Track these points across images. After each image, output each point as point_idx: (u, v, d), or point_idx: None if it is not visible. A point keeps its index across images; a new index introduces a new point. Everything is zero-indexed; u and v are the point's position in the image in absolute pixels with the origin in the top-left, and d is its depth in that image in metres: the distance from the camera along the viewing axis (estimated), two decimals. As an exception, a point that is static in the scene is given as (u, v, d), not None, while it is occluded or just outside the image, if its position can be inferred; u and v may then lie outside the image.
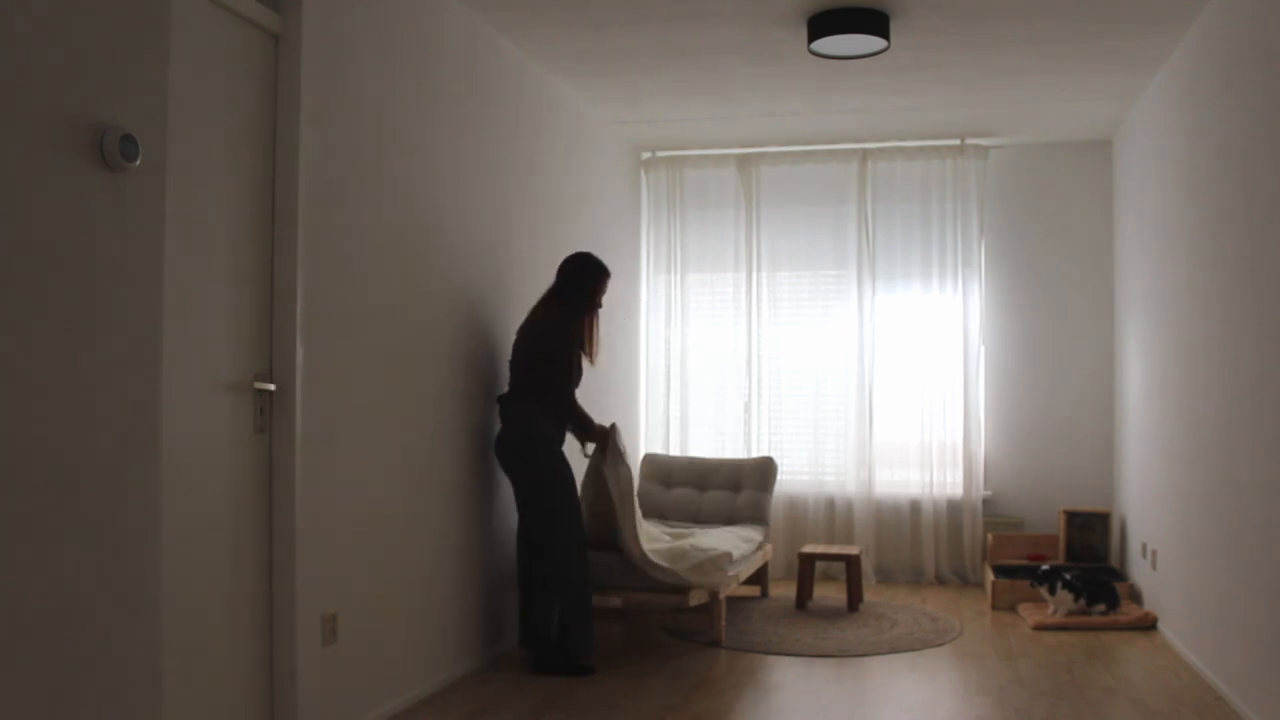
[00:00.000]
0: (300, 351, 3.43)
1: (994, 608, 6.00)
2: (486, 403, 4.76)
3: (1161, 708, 4.11)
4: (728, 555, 5.08)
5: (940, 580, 6.83)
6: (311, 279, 3.49)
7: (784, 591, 6.45)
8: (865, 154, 6.98)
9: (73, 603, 2.17)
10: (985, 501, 6.88)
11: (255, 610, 3.32)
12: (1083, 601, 5.59)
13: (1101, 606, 5.59)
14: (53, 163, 2.14)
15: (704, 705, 4.16)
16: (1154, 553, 5.54)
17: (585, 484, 4.95)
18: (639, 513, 4.88)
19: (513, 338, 4.97)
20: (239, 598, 3.24)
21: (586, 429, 4.78)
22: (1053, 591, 5.65)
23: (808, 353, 7.10)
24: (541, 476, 4.56)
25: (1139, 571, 5.94)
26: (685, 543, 5.08)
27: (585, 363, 4.77)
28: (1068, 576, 5.67)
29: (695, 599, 4.90)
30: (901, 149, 6.94)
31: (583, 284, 4.77)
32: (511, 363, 4.69)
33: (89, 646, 2.21)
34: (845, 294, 7.03)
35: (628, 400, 6.97)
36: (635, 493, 4.89)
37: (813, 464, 7.05)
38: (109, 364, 2.27)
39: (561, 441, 4.68)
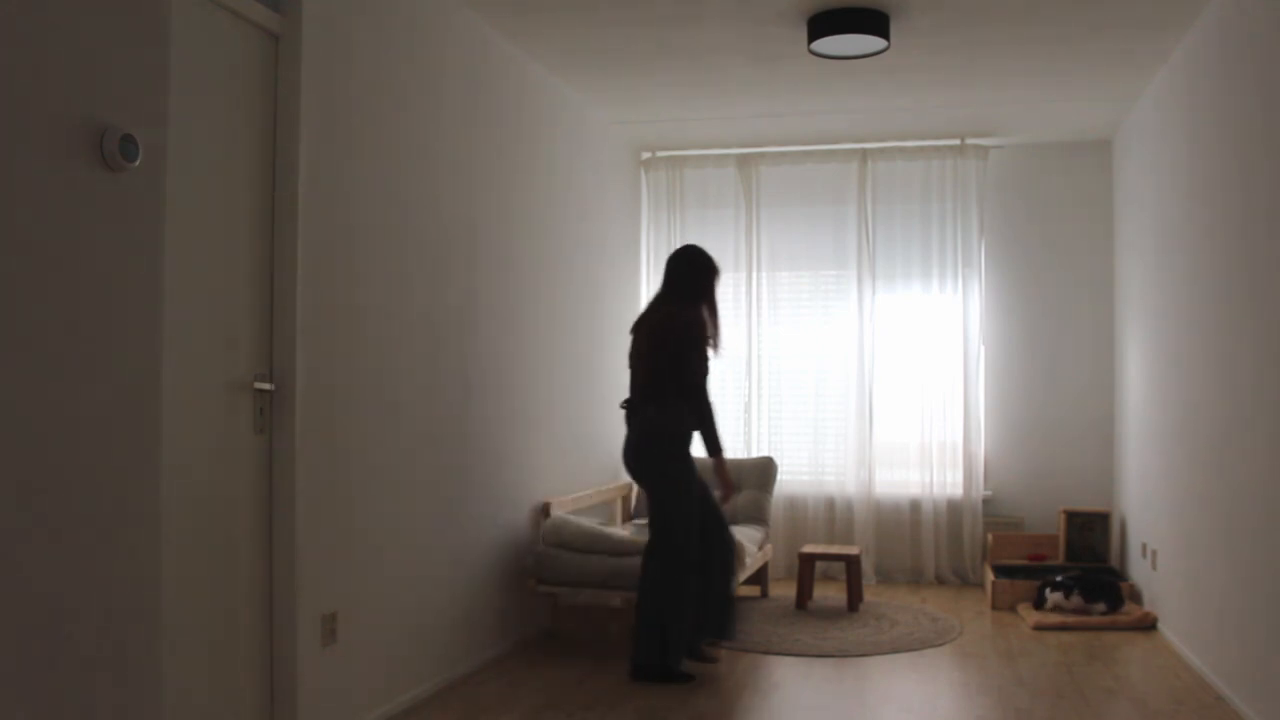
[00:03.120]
0: (300, 351, 3.43)
1: (994, 608, 6.00)
2: (486, 401, 4.76)
3: (1161, 708, 4.11)
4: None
5: (940, 580, 6.83)
6: (311, 279, 3.49)
7: (784, 591, 6.45)
8: (865, 154, 6.98)
9: (73, 603, 2.17)
10: (985, 501, 6.88)
11: (255, 610, 3.32)
12: (1077, 598, 5.59)
13: (1102, 606, 5.59)
14: (53, 163, 2.14)
15: (704, 705, 4.16)
16: (1154, 553, 5.54)
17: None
18: None
19: (512, 337, 4.98)
20: (239, 598, 3.24)
21: (717, 452, 4.61)
22: (1040, 601, 5.70)
23: (808, 353, 7.09)
24: (678, 478, 4.46)
25: (1139, 571, 5.94)
26: None
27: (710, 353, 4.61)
28: (1058, 579, 5.69)
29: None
30: (901, 149, 6.94)
31: (703, 275, 4.64)
32: (640, 363, 4.56)
33: (89, 646, 2.21)
34: (845, 294, 7.03)
35: (628, 400, 6.97)
36: None
37: (813, 464, 7.05)
38: (109, 364, 2.27)
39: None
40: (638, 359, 4.60)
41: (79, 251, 2.20)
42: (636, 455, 4.53)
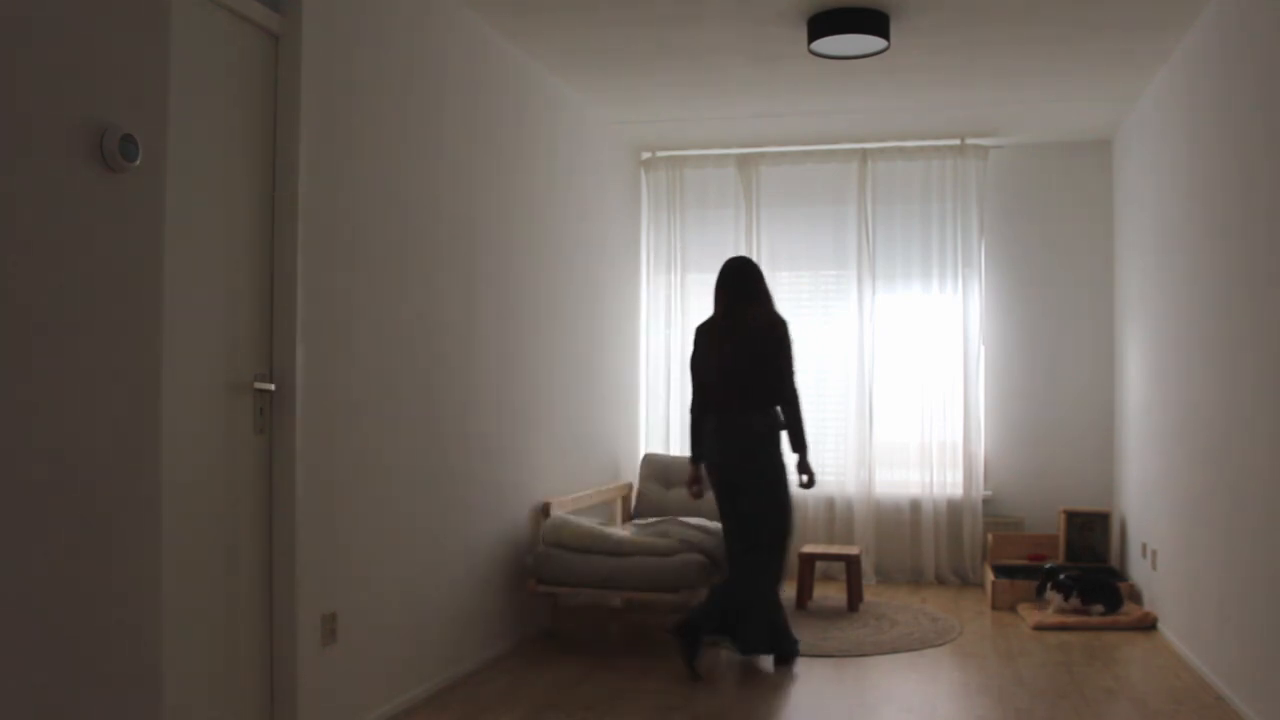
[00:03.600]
0: (300, 351, 3.42)
1: (994, 608, 6.00)
2: (486, 401, 4.76)
3: (1161, 708, 4.11)
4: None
5: (940, 580, 6.83)
6: (311, 279, 3.49)
7: (784, 591, 6.44)
8: (865, 154, 6.98)
9: (73, 603, 2.17)
10: (985, 501, 6.87)
11: (255, 610, 3.32)
12: (1075, 600, 5.60)
13: (1100, 607, 5.59)
14: (53, 163, 2.14)
15: (704, 705, 4.15)
16: (1154, 553, 5.54)
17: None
18: None
19: (512, 336, 4.97)
20: (239, 598, 3.24)
21: (805, 447, 4.79)
22: (1040, 593, 5.73)
23: (807, 353, 7.08)
24: (782, 475, 4.73)
25: (1139, 571, 5.94)
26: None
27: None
28: (1061, 577, 5.69)
29: (695, 599, 4.90)
30: (901, 149, 6.94)
31: (764, 283, 4.84)
32: (738, 370, 4.65)
33: (89, 646, 2.21)
34: (845, 294, 7.03)
35: (628, 400, 6.97)
36: None
37: (813, 464, 7.02)
38: (109, 364, 2.27)
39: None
40: (734, 365, 4.66)
41: (79, 251, 2.20)
42: (748, 457, 4.64)
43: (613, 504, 6.39)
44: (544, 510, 5.28)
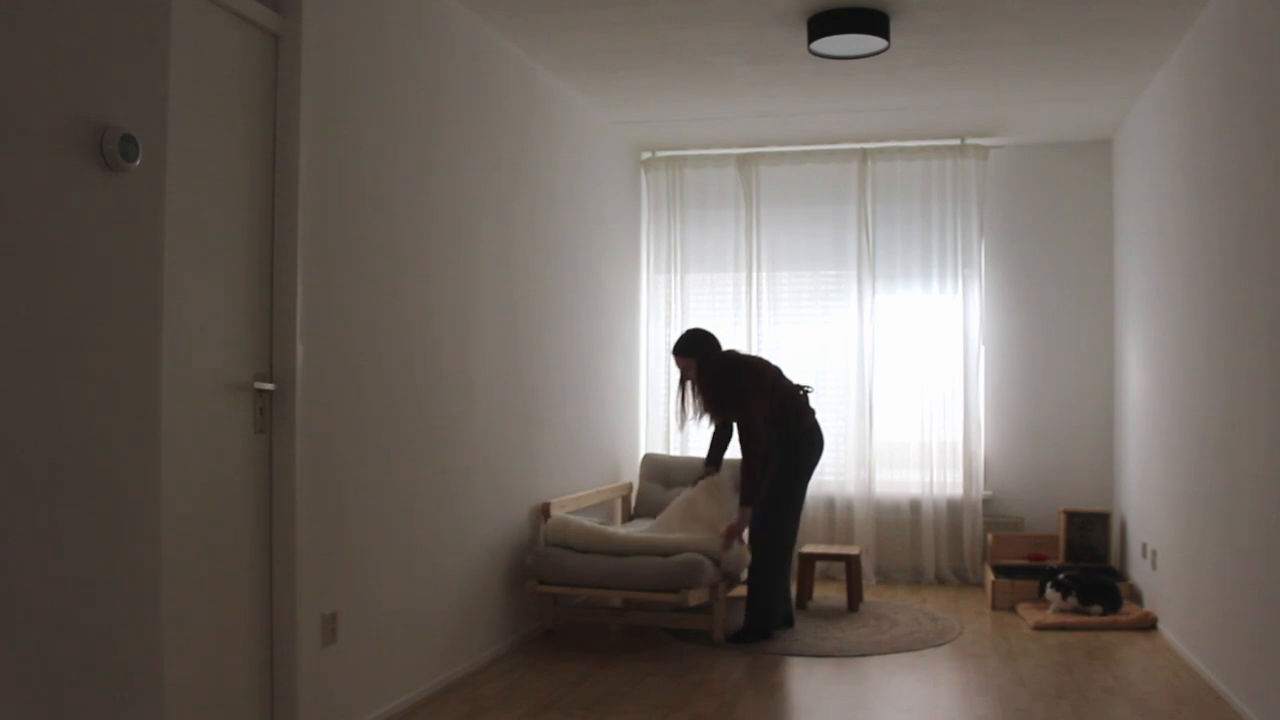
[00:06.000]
0: (300, 351, 3.43)
1: (994, 608, 6.00)
2: (486, 401, 4.77)
3: (1161, 708, 4.11)
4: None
5: (940, 580, 6.83)
6: (311, 279, 3.49)
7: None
8: (865, 154, 6.98)
9: (73, 603, 2.17)
10: (985, 501, 6.88)
11: (255, 610, 3.32)
12: (1074, 600, 5.60)
13: (1098, 607, 5.59)
14: (53, 163, 2.14)
15: (704, 705, 4.16)
16: (1154, 553, 5.54)
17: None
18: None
19: (512, 336, 4.99)
20: (239, 598, 3.24)
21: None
22: (1041, 593, 5.72)
23: (807, 353, 7.09)
24: None
25: (1139, 571, 5.94)
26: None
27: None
28: (1060, 576, 5.70)
29: (695, 599, 4.90)
30: (901, 149, 6.94)
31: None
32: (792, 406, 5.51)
33: (89, 646, 2.21)
34: (845, 294, 7.03)
35: (628, 400, 6.97)
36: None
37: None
38: (109, 364, 2.27)
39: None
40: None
41: (79, 251, 2.20)
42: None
43: (613, 504, 6.39)
44: (544, 510, 5.28)
